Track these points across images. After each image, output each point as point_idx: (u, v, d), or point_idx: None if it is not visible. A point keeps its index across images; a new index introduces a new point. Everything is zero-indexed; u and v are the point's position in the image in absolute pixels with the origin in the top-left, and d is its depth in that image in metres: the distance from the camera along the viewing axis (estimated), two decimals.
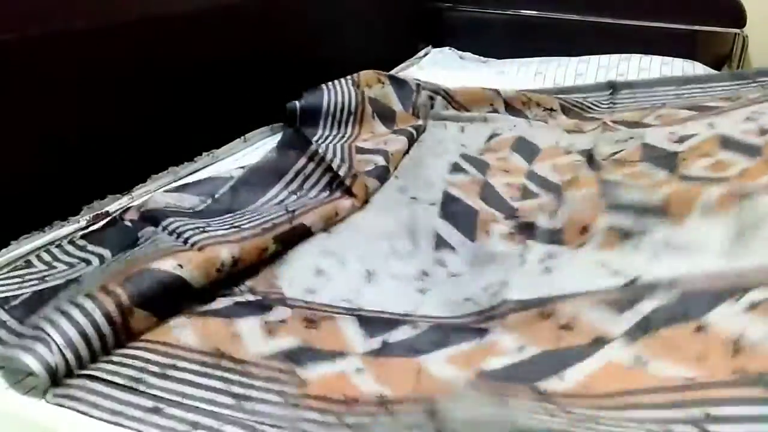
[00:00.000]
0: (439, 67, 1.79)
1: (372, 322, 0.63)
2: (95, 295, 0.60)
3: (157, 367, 0.57)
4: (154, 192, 0.96)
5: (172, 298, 0.64)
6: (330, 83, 1.22)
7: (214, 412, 0.53)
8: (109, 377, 0.56)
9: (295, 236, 0.78)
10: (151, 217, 0.77)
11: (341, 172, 0.89)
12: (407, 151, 1.09)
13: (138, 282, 0.62)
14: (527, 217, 0.83)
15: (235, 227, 0.75)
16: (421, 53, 1.89)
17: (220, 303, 0.67)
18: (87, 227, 0.83)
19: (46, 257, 0.75)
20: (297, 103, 1.18)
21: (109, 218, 0.82)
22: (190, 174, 1.04)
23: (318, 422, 0.51)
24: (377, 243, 0.79)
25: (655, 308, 0.52)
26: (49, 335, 0.56)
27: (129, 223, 0.77)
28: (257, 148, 1.16)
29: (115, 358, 0.59)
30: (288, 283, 0.71)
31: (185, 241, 0.70)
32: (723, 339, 0.47)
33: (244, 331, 0.62)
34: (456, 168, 0.94)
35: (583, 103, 1.31)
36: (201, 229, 0.72)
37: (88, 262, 0.73)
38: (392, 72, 1.48)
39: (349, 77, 1.23)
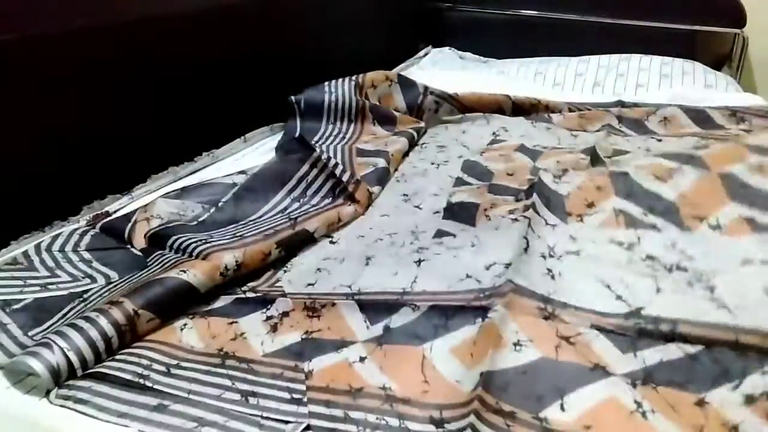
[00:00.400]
0: (439, 67, 1.79)
1: (372, 307, 0.64)
2: (101, 307, 0.60)
3: (161, 366, 0.58)
4: (154, 192, 0.96)
5: (176, 301, 0.64)
6: (333, 82, 1.22)
7: (220, 408, 0.53)
8: (114, 374, 0.56)
9: (297, 241, 0.78)
10: (158, 239, 0.77)
11: (344, 178, 0.89)
12: (408, 153, 1.09)
13: (143, 290, 0.63)
14: (533, 180, 0.84)
15: (237, 236, 0.76)
16: (421, 53, 1.89)
17: (222, 301, 0.67)
18: (87, 227, 0.83)
19: (49, 261, 0.75)
20: (296, 98, 1.18)
21: (116, 242, 0.81)
22: (190, 174, 1.03)
23: (324, 416, 0.51)
24: (377, 239, 0.80)
25: (658, 363, 0.53)
26: (53, 341, 0.56)
27: (140, 253, 0.78)
28: (257, 148, 1.16)
29: (120, 357, 0.59)
30: (288, 282, 0.71)
31: (191, 254, 0.71)
32: (722, 421, 0.48)
33: (248, 331, 0.62)
34: (460, 182, 0.95)
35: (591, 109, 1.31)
36: (204, 241, 0.73)
37: (93, 279, 0.72)
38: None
39: (353, 78, 1.23)
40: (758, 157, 0.73)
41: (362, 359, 0.57)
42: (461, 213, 0.82)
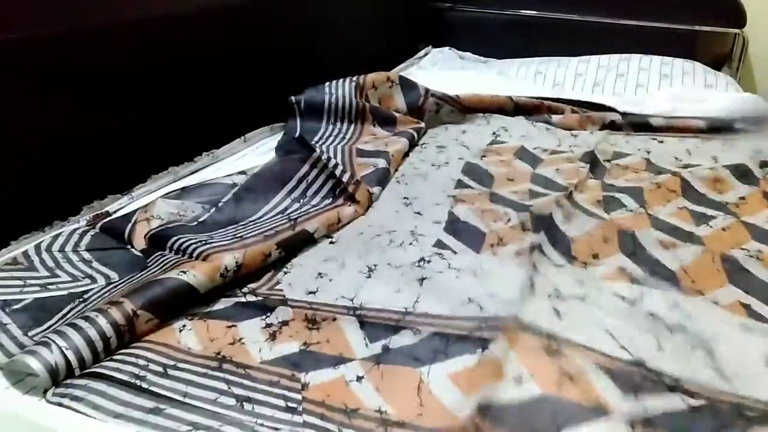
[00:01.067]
0: (439, 67, 1.79)
1: (373, 326, 0.63)
2: (101, 307, 0.60)
3: (158, 367, 0.57)
4: (154, 192, 0.96)
5: (176, 302, 0.64)
6: (333, 82, 1.22)
7: (215, 413, 0.53)
8: (111, 373, 0.56)
9: (297, 242, 0.78)
10: (158, 240, 0.77)
11: (344, 179, 0.89)
12: (408, 153, 1.09)
13: (143, 291, 0.63)
14: (541, 210, 0.84)
15: (237, 237, 0.76)
16: (421, 53, 1.89)
17: (222, 303, 0.67)
18: (87, 227, 0.83)
19: (49, 262, 0.75)
20: (296, 98, 1.18)
21: (116, 243, 0.81)
22: (191, 174, 1.03)
23: (319, 428, 0.51)
24: (377, 239, 0.80)
25: (661, 413, 0.52)
26: (51, 340, 0.56)
27: (140, 253, 0.78)
28: (257, 148, 1.16)
29: (117, 357, 0.59)
30: (289, 286, 0.71)
31: (191, 255, 0.71)
32: None
33: (247, 337, 0.62)
34: (461, 185, 0.95)
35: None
36: (204, 242, 0.73)
37: (93, 279, 0.72)
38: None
39: (353, 79, 1.23)
40: (758, 244, 0.75)
41: (359, 379, 0.57)
42: (465, 234, 0.81)
